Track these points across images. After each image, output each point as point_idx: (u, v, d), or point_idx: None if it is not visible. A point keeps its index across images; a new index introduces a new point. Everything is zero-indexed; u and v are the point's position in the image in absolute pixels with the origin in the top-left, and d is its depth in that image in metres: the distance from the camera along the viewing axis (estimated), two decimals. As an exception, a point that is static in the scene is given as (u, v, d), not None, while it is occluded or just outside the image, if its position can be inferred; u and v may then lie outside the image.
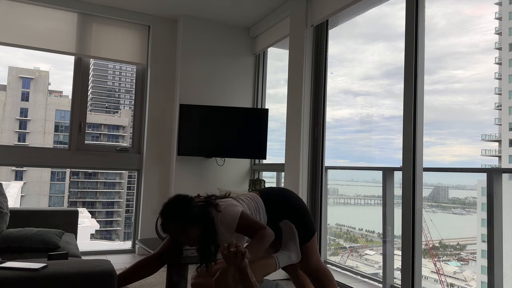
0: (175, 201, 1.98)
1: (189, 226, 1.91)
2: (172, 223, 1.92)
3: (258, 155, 4.56)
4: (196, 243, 1.98)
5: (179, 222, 1.91)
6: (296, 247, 2.17)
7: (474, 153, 2.74)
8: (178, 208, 1.94)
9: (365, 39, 3.96)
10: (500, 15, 2.68)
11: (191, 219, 1.91)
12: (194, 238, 1.95)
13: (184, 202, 1.96)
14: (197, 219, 1.93)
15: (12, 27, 4.25)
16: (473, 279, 2.96)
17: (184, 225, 1.91)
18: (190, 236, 1.93)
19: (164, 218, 1.94)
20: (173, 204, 1.96)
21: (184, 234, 1.92)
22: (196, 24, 4.78)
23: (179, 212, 1.92)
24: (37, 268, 1.65)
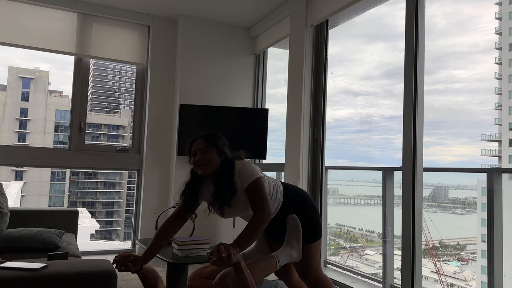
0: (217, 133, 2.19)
1: (214, 148, 2.06)
2: (204, 138, 2.08)
3: (258, 155, 4.56)
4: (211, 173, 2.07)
5: (209, 140, 2.07)
6: (298, 246, 2.14)
7: (474, 153, 2.75)
8: (213, 132, 2.15)
9: (365, 39, 3.96)
10: (500, 15, 2.68)
11: (219, 144, 2.07)
12: (211, 163, 2.04)
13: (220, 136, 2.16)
14: (224, 151, 2.07)
15: (12, 27, 4.25)
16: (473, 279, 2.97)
17: (210, 144, 2.06)
18: (209, 158, 2.04)
19: (201, 133, 2.13)
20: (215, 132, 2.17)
21: (206, 152, 2.04)
22: (196, 24, 4.78)
23: (215, 134, 2.12)
24: (37, 268, 1.65)
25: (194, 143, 2.09)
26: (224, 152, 2.07)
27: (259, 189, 1.99)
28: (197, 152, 2.07)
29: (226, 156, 2.07)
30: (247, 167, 2.04)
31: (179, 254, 2.72)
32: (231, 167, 2.05)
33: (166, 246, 3.04)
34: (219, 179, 2.06)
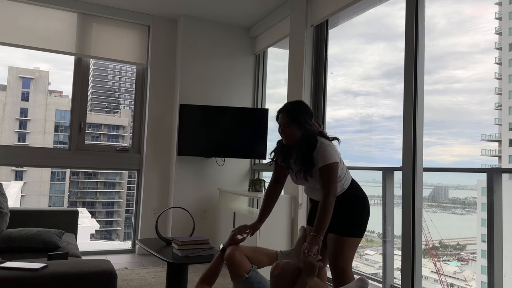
0: (299, 101, 2.33)
1: (294, 123, 2.20)
2: (287, 112, 2.23)
3: (258, 155, 4.56)
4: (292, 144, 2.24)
5: (291, 115, 2.21)
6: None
7: (474, 153, 2.75)
8: (300, 106, 2.27)
9: (365, 39, 3.96)
10: (500, 15, 2.68)
11: (300, 120, 2.20)
12: (292, 136, 2.22)
13: (306, 107, 2.28)
14: (304, 125, 2.21)
15: (12, 27, 4.25)
16: (473, 279, 2.97)
17: (291, 120, 2.20)
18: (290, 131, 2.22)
19: (287, 105, 2.28)
20: (297, 101, 2.32)
21: (287, 126, 2.21)
22: (196, 24, 4.78)
23: (298, 109, 2.25)
24: (37, 268, 1.65)
25: (280, 115, 2.27)
26: (304, 127, 2.21)
27: (330, 172, 2.14)
28: (281, 124, 2.26)
29: (307, 130, 2.21)
30: (325, 149, 2.17)
31: (179, 254, 2.72)
32: (311, 141, 2.20)
33: (166, 246, 3.04)
34: (299, 151, 2.22)
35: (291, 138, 2.24)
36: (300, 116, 2.22)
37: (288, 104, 2.30)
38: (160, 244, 3.11)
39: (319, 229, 2.08)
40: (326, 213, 2.09)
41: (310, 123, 2.24)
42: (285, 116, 2.24)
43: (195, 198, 4.69)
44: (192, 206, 4.64)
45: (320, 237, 2.06)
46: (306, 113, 2.25)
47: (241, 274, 2.10)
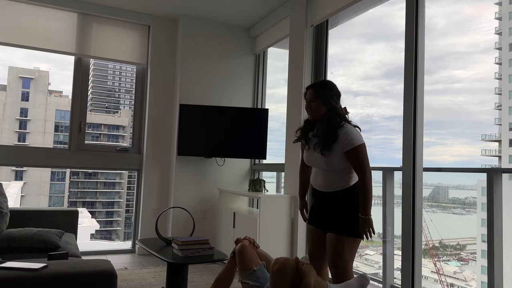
0: (328, 80, 2.44)
1: (320, 98, 2.29)
2: (314, 88, 2.33)
3: (258, 155, 4.56)
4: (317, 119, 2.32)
5: (317, 90, 2.31)
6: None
7: (474, 153, 2.75)
8: (327, 83, 2.39)
9: (365, 39, 3.96)
10: (500, 15, 2.68)
11: (326, 95, 2.29)
12: (318, 110, 2.30)
13: (333, 85, 2.37)
14: (330, 100, 2.28)
15: (12, 27, 4.25)
16: (473, 279, 2.97)
17: (318, 95, 2.29)
18: (316, 106, 2.30)
19: (315, 82, 2.43)
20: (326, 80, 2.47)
21: (313, 101, 2.30)
22: (196, 24, 4.78)
23: (324, 85, 2.35)
24: (37, 268, 1.65)
25: (308, 91, 2.36)
26: (330, 103, 2.28)
27: (362, 153, 2.21)
28: (308, 99, 2.34)
29: (332, 106, 2.28)
30: (353, 131, 2.24)
31: (179, 254, 2.72)
32: (336, 117, 2.26)
33: (166, 246, 3.04)
34: (323, 124, 2.29)
35: (316, 113, 2.30)
36: (326, 91, 2.29)
37: (317, 82, 2.43)
38: (160, 244, 3.11)
39: (367, 209, 2.16)
40: (367, 192, 2.16)
41: (336, 101, 2.30)
42: (312, 91, 2.33)
43: (195, 198, 4.69)
44: (192, 206, 4.64)
45: (370, 217, 2.16)
46: (333, 90, 2.33)
47: (250, 266, 2.12)
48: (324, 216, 2.37)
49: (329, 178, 2.30)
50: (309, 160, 2.40)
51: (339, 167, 2.26)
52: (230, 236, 4.19)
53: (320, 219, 2.40)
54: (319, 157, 2.28)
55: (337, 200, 2.30)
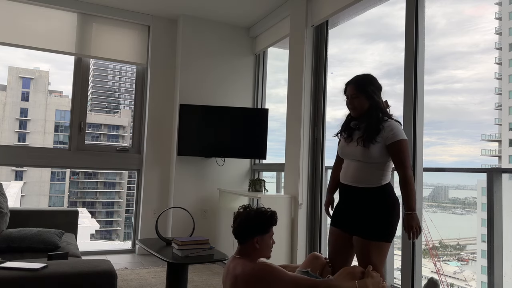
0: (368, 74, 2.32)
1: (363, 94, 2.22)
2: (355, 84, 2.26)
3: (258, 155, 4.56)
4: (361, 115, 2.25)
5: (359, 87, 2.24)
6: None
7: (474, 153, 2.75)
8: (367, 77, 2.29)
9: (365, 39, 3.96)
10: (500, 15, 2.68)
11: (368, 90, 2.22)
12: (360, 106, 2.24)
13: (374, 79, 2.29)
14: (372, 96, 2.22)
15: (12, 27, 4.25)
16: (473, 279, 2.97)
17: (360, 91, 2.23)
18: (358, 103, 2.24)
19: (354, 77, 2.30)
20: (366, 74, 2.31)
21: (355, 97, 2.24)
22: (196, 24, 4.78)
23: (366, 80, 2.27)
24: (37, 268, 1.65)
25: (348, 86, 2.29)
26: (372, 97, 2.21)
27: (403, 149, 2.15)
28: (349, 96, 2.27)
29: (375, 101, 2.21)
30: (396, 125, 2.19)
31: (179, 254, 2.72)
32: (379, 112, 2.21)
33: (166, 246, 3.04)
34: (368, 119, 2.21)
35: (359, 109, 2.24)
36: (368, 86, 2.22)
37: (356, 76, 2.31)
38: (160, 244, 3.11)
39: (412, 205, 2.10)
40: (411, 187, 2.11)
41: (378, 96, 2.24)
42: (352, 87, 2.25)
43: (195, 198, 4.69)
44: (192, 206, 4.64)
45: (415, 213, 2.10)
46: (374, 84, 2.25)
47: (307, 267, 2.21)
48: (350, 216, 2.26)
49: (361, 171, 2.21)
50: (345, 151, 2.31)
51: (376, 160, 2.18)
52: (230, 236, 4.18)
53: (346, 221, 2.28)
54: (357, 148, 2.20)
55: (366, 199, 2.20)
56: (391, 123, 2.18)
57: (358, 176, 2.22)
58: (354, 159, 2.25)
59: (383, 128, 2.16)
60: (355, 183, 2.22)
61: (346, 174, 2.29)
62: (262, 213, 2.05)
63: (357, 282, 1.94)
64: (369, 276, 1.99)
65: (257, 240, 1.98)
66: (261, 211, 2.07)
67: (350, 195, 2.27)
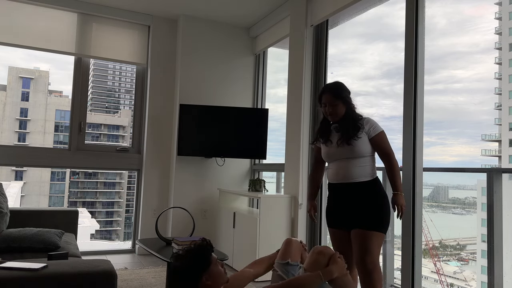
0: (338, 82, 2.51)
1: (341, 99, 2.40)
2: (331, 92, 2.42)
3: (258, 155, 4.56)
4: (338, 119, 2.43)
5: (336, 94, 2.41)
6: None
7: (474, 153, 2.74)
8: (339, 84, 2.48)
9: (365, 39, 3.96)
10: (500, 15, 2.68)
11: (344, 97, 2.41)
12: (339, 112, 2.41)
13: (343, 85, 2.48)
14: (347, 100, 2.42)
15: (12, 27, 4.25)
16: (473, 279, 2.97)
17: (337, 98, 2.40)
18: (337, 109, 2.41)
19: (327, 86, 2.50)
20: (336, 82, 2.51)
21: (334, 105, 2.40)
22: (196, 24, 4.78)
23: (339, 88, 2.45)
24: (37, 268, 1.65)
25: (323, 95, 2.45)
26: (348, 102, 2.42)
27: (385, 138, 2.41)
28: (326, 104, 2.43)
29: (350, 104, 2.42)
30: (373, 120, 2.43)
31: (179, 254, 2.72)
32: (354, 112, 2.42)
33: (166, 246, 3.03)
34: (345, 120, 2.41)
35: (338, 115, 2.41)
36: (343, 92, 2.42)
37: (328, 84, 2.51)
38: (160, 244, 3.11)
39: (398, 186, 2.32)
40: (396, 171, 2.35)
41: (350, 99, 2.44)
42: (329, 95, 2.42)
43: (195, 198, 4.69)
44: (192, 206, 4.64)
45: (401, 193, 2.32)
46: (346, 90, 2.45)
47: (287, 258, 2.18)
48: (346, 213, 2.38)
49: (353, 167, 2.36)
50: (331, 154, 2.45)
51: (364, 154, 2.36)
52: (230, 236, 4.19)
53: (342, 218, 2.42)
54: (343, 148, 2.37)
55: (360, 193, 2.35)
56: (369, 119, 2.41)
57: (352, 172, 2.36)
58: (342, 158, 2.40)
59: (362, 125, 2.37)
60: (349, 180, 2.37)
61: (338, 173, 2.42)
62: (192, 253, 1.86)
63: (321, 271, 1.95)
64: (334, 263, 2.01)
65: (205, 279, 1.80)
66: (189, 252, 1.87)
67: (344, 193, 2.40)
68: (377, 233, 2.27)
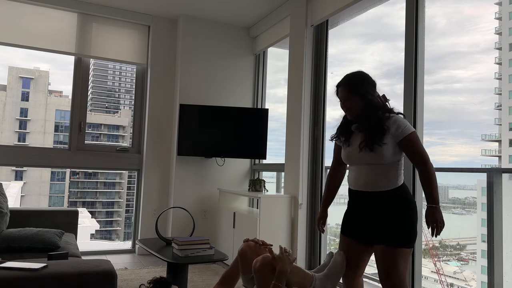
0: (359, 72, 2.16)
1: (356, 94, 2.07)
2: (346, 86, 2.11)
3: (258, 155, 4.56)
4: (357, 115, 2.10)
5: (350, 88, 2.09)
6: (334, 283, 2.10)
7: (474, 153, 2.74)
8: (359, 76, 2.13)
9: (365, 39, 3.96)
10: (500, 15, 2.68)
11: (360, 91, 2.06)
12: (355, 108, 2.09)
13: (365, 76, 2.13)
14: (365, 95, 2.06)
15: (12, 27, 4.25)
16: (473, 279, 2.96)
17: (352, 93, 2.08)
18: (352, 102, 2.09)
19: (345, 78, 2.15)
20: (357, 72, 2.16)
21: (348, 99, 2.09)
22: (196, 24, 4.78)
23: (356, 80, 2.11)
24: (37, 268, 1.65)
25: (339, 89, 2.15)
26: (366, 97, 2.06)
27: (417, 141, 2.00)
28: (342, 99, 2.13)
29: (369, 99, 2.06)
30: (401, 119, 2.03)
31: (179, 254, 2.72)
32: (378, 109, 2.05)
33: (166, 246, 3.04)
34: (367, 120, 2.06)
35: (354, 111, 2.09)
36: (360, 86, 2.07)
37: (347, 75, 2.15)
38: (160, 244, 3.11)
39: (435, 198, 1.95)
40: (433, 180, 1.95)
41: (372, 93, 2.08)
42: (344, 89, 2.11)
43: (195, 198, 4.69)
44: (192, 206, 4.64)
45: (439, 207, 1.95)
46: (367, 83, 2.10)
47: (249, 270, 2.10)
48: (366, 225, 2.08)
49: (375, 174, 2.03)
50: (351, 158, 2.12)
51: (390, 160, 2.01)
52: (230, 236, 4.19)
53: (361, 230, 2.11)
54: (365, 153, 2.03)
55: (384, 203, 2.01)
56: (396, 119, 2.02)
57: (374, 179, 2.03)
58: (364, 164, 2.07)
59: (388, 127, 1.99)
60: (371, 188, 2.04)
61: (358, 180, 2.10)
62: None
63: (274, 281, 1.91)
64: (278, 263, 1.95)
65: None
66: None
67: (365, 202, 2.08)
68: (404, 249, 1.98)
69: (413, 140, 1.99)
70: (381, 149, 1.99)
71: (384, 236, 2.00)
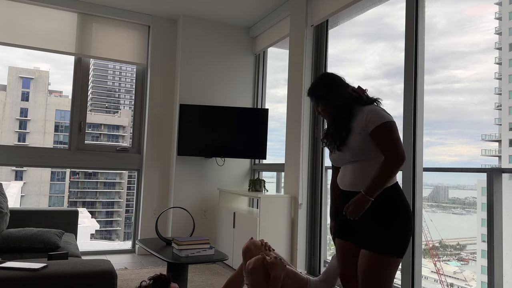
0: (320, 79, 2.16)
1: (322, 100, 2.07)
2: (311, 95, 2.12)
3: (258, 155, 4.56)
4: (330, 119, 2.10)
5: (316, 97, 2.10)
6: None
7: (474, 153, 2.74)
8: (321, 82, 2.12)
9: (365, 39, 3.96)
10: (500, 15, 2.68)
11: (325, 95, 2.05)
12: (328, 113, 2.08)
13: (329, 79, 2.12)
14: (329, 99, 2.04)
15: (12, 27, 4.25)
16: (473, 279, 2.96)
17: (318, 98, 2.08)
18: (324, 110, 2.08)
19: (308, 89, 2.15)
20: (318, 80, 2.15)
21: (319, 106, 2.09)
22: (196, 24, 4.78)
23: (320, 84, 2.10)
24: (37, 268, 1.65)
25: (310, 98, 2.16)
26: (334, 100, 2.02)
27: (390, 131, 1.83)
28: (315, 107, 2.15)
29: (337, 102, 2.01)
30: (374, 109, 1.91)
31: (179, 254, 2.72)
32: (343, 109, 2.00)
33: (166, 246, 3.04)
34: (334, 121, 2.04)
35: (328, 115, 2.07)
36: (323, 92, 2.04)
37: (311, 86, 2.12)
38: (160, 244, 3.11)
39: (372, 188, 1.76)
40: (385, 173, 1.75)
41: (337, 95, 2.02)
42: (311, 98, 2.12)
43: (195, 198, 4.69)
44: (192, 206, 4.64)
45: (369, 198, 1.76)
46: (328, 86, 2.05)
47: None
48: (355, 227, 1.94)
49: (360, 172, 1.89)
50: (335, 158, 2.06)
51: (369, 156, 1.87)
52: (230, 236, 4.19)
53: (352, 231, 1.97)
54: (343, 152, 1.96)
55: (372, 205, 1.81)
56: (368, 109, 1.91)
57: (357, 179, 1.90)
58: (347, 162, 1.98)
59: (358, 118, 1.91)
60: (356, 188, 1.89)
61: (344, 179, 1.99)
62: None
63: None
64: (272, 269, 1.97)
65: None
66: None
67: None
68: (390, 258, 1.76)
69: (383, 130, 1.82)
70: (353, 144, 1.90)
71: (370, 240, 1.82)
